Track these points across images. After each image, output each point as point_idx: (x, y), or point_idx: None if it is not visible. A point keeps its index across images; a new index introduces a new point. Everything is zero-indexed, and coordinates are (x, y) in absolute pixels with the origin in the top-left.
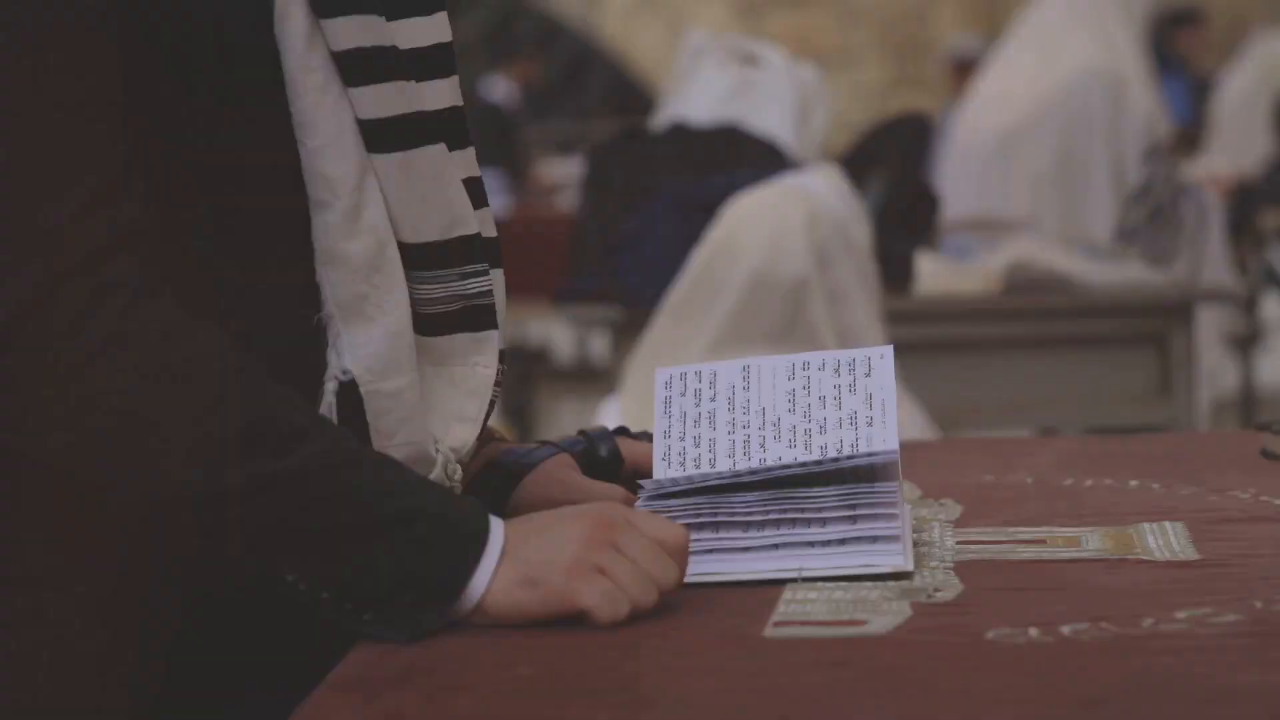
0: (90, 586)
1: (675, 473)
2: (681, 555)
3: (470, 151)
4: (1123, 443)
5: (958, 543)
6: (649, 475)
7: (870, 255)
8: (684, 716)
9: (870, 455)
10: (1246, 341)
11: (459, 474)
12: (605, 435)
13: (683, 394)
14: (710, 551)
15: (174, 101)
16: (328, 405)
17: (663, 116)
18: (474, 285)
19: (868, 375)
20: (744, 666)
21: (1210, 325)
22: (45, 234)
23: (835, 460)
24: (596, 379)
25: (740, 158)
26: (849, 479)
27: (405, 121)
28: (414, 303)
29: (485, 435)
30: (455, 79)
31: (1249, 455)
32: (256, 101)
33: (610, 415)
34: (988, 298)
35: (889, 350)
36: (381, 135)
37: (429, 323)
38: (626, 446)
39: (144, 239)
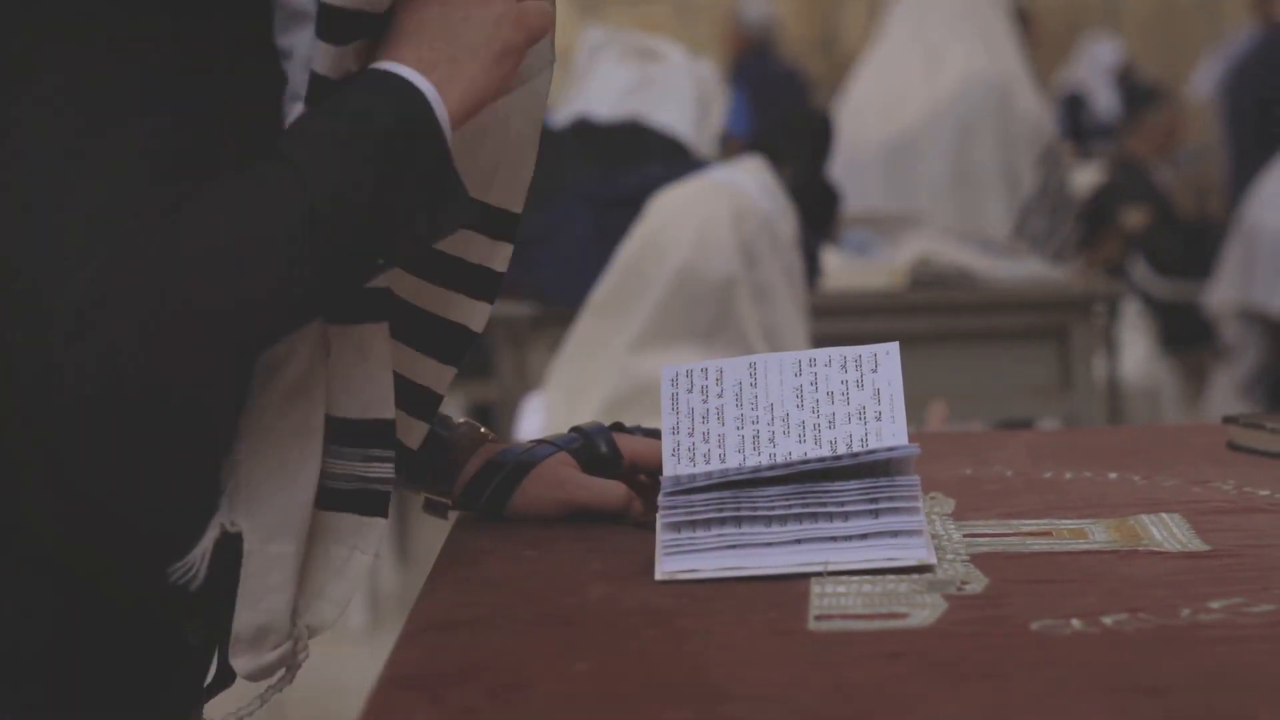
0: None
1: (685, 468)
2: None
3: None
4: (1088, 435)
5: (964, 535)
6: (648, 470)
7: (796, 249)
8: (769, 711)
9: (891, 450)
10: (1111, 338)
11: (306, 655)
12: (602, 431)
13: (689, 390)
14: (733, 547)
15: None
16: (203, 551)
17: (564, 112)
18: (375, 470)
19: (875, 370)
20: (803, 660)
21: None
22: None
23: (855, 455)
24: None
25: (645, 153)
26: (864, 474)
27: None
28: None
29: (480, 436)
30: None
31: (1216, 447)
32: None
33: (535, 410)
34: (894, 293)
35: (895, 346)
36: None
37: (322, 495)
38: (624, 442)
39: None
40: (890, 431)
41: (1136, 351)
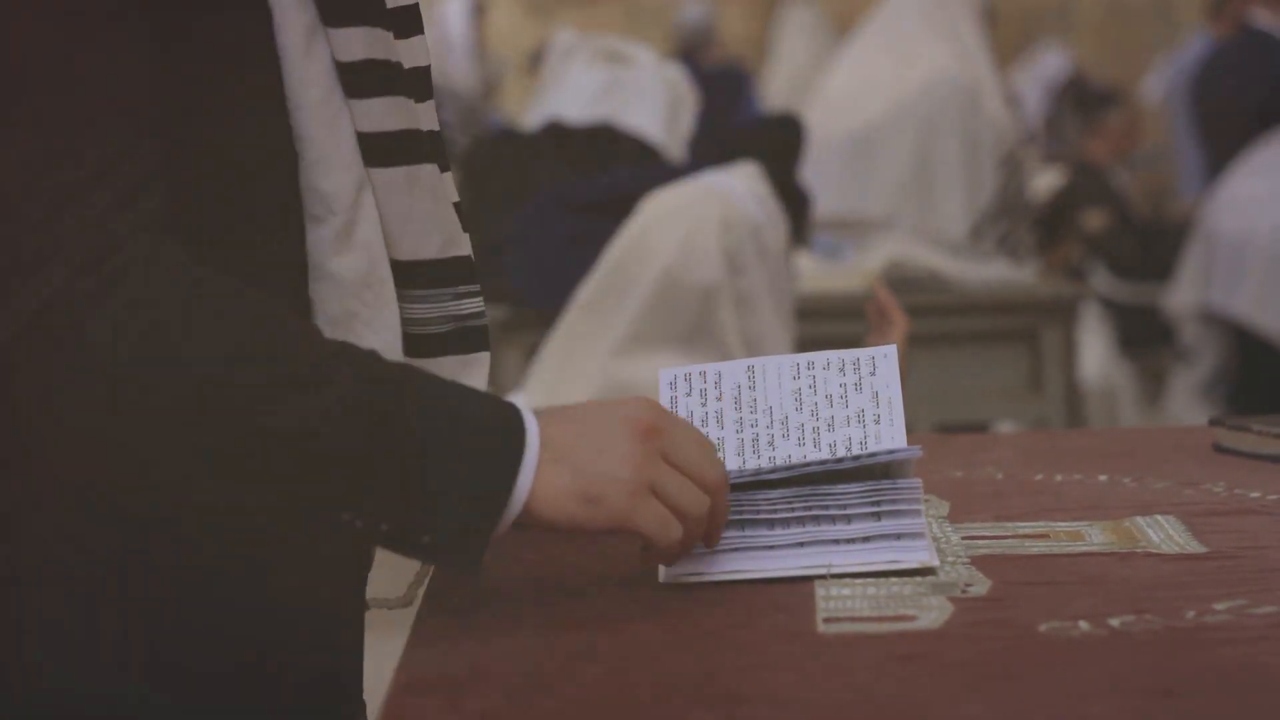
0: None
1: None
2: (716, 460)
3: (450, 176)
4: (1074, 437)
5: (963, 538)
6: None
7: (785, 258)
8: (788, 714)
9: (892, 453)
10: (1071, 340)
11: None
12: None
13: (688, 394)
14: (736, 550)
15: (175, 108)
16: None
17: (535, 115)
18: (468, 305)
19: (873, 374)
20: (816, 662)
21: None
22: (70, 232)
23: (856, 458)
24: None
25: (617, 156)
26: (865, 476)
27: (408, 137)
28: (404, 323)
29: None
30: (434, 103)
31: (1202, 449)
32: (255, 114)
33: None
34: (870, 295)
35: (893, 349)
36: (385, 149)
37: (417, 344)
38: None
39: (161, 222)
40: (889, 435)
41: (1094, 354)
